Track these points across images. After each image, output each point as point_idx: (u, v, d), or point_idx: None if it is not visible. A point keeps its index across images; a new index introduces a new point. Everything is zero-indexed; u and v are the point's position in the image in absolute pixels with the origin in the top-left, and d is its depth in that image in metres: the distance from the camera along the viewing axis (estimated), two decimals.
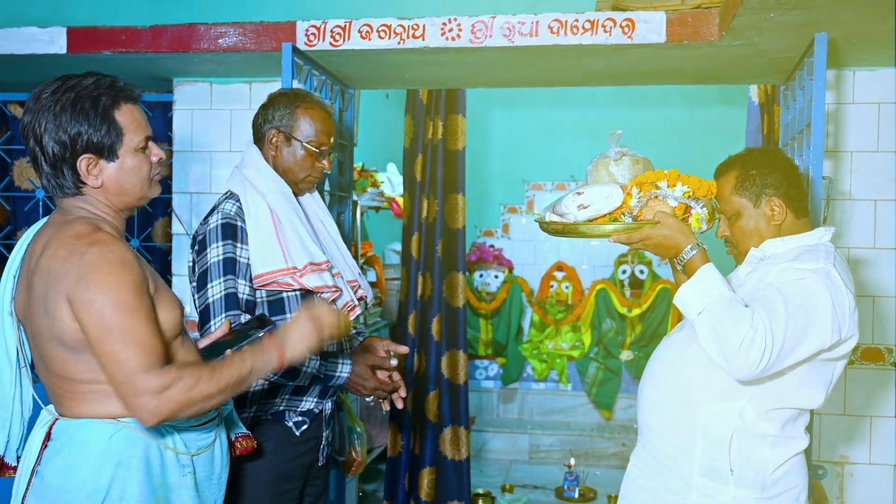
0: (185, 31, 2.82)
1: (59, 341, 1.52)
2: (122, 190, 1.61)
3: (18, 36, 2.90)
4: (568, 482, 4.44)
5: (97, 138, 1.55)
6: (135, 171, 1.61)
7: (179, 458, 1.61)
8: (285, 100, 2.12)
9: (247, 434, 1.85)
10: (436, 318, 3.66)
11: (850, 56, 2.73)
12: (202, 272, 1.97)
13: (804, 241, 1.84)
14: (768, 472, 1.77)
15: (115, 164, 1.59)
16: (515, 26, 2.65)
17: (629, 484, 1.97)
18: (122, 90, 1.60)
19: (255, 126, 2.14)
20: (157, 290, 1.58)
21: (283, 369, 1.69)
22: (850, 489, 2.95)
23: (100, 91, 1.57)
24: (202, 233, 2.01)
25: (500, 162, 6.25)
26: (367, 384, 2.11)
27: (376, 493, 4.32)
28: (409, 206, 3.69)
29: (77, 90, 1.56)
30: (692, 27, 2.55)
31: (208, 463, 1.68)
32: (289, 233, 2.03)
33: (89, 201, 1.60)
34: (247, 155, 2.13)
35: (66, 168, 1.56)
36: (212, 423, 1.69)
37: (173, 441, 1.60)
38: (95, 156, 1.56)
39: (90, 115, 1.55)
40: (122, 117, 1.58)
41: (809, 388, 1.78)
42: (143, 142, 1.62)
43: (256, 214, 2.03)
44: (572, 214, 1.84)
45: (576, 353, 5.61)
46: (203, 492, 1.66)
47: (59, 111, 1.54)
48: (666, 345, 1.97)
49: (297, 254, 2.03)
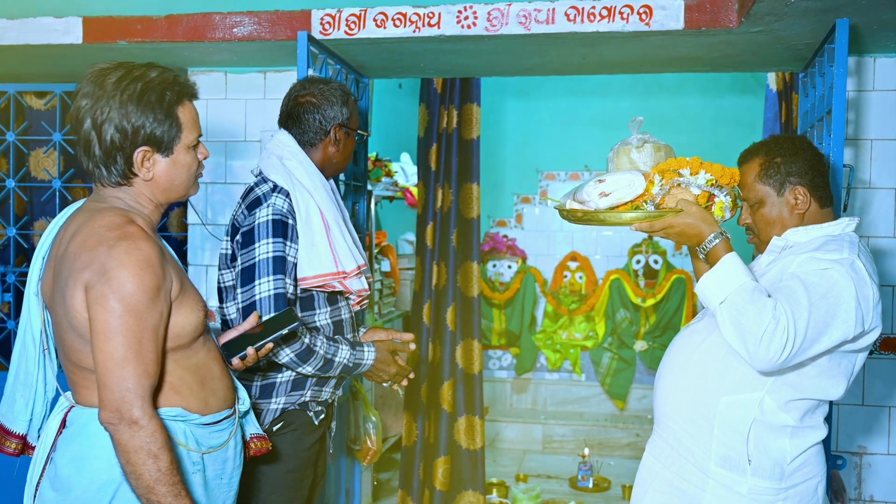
0: (200, 21, 2.82)
1: (73, 329, 1.52)
2: (170, 185, 1.63)
3: (34, 26, 2.90)
4: (582, 472, 4.44)
5: (159, 132, 1.57)
6: (185, 168, 1.64)
7: (190, 454, 1.59)
8: (337, 94, 2.13)
9: (262, 435, 1.84)
10: (450, 308, 3.65)
11: (871, 42, 2.70)
12: (248, 266, 1.96)
13: (828, 231, 1.82)
14: (786, 462, 1.76)
15: (168, 159, 1.60)
16: (531, 13, 2.63)
17: (645, 473, 1.96)
18: (185, 86, 1.63)
19: (309, 122, 2.11)
20: (182, 290, 1.58)
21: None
22: (869, 479, 2.94)
23: (165, 86, 1.58)
24: (249, 224, 1.98)
25: (513, 151, 6.23)
26: (390, 369, 2.14)
27: (391, 481, 4.34)
28: (423, 195, 3.69)
29: (144, 81, 1.56)
30: (711, 13, 2.53)
31: (220, 462, 1.67)
32: (337, 235, 2.06)
33: (131, 193, 1.61)
34: (283, 144, 2.11)
35: (121, 157, 1.56)
36: (227, 420, 1.68)
37: (185, 437, 1.59)
38: (153, 149, 1.58)
39: (156, 109, 1.56)
40: (183, 114, 1.60)
41: (830, 379, 1.76)
42: (196, 140, 1.64)
43: (307, 214, 2.03)
44: (593, 202, 1.82)
45: (589, 344, 5.60)
46: (212, 491, 1.65)
47: (126, 100, 1.54)
48: (685, 335, 1.96)
49: (345, 258, 2.05)
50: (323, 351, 1.99)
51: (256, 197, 2.02)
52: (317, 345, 1.99)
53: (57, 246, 1.59)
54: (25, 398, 1.68)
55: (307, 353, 1.97)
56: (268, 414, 2.06)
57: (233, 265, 2.04)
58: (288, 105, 2.15)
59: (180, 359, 1.60)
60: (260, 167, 2.12)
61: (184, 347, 1.59)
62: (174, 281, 1.56)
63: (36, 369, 1.67)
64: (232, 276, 2.04)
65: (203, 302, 1.65)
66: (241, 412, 1.76)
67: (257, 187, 2.05)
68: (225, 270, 2.09)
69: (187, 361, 1.61)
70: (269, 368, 2.07)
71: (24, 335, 1.68)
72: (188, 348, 1.60)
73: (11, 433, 1.70)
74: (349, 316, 2.18)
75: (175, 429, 1.57)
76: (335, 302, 2.13)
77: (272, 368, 2.07)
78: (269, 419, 2.06)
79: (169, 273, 1.54)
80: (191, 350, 1.61)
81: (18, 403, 1.69)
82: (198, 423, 1.61)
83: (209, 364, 1.66)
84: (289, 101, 2.15)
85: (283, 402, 2.07)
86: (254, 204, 2.00)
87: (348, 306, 2.18)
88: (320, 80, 2.18)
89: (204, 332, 1.65)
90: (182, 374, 1.60)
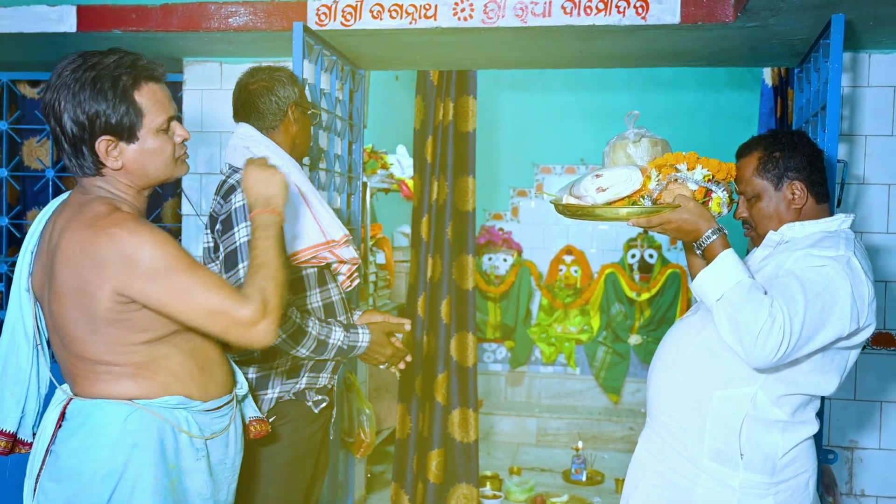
0: (195, 10, 2.80)
1: (89, 318, 1.50)
2: (143, 172, 1.59)
3: (27, 14, 2.88)
4: (576, 465, 4.45)
5: (115, 119, 1.52)
6: (156, 153, 1.59)
7: (193, 441, 1.59)
8: (285, 76, 2.15)
9: (261, 418, 1.84)
10: (445, 301, 3.66)
11: (867, 38, 2.70)
12: (230, 252, 1.96)
13: (824, 227, 1.82)
14: (778, 456, 1.77)
15: (135, 145, 1.56)
16: (528, 6, 2.62)
17: (637, 465, 1.97)
18: (143, 69, 1.56)
19: (266, 107, 2.11)
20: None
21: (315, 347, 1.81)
22: (860, 474, 2.95)
23: (121, 70, 1.53)
24: (225, 212, 1.98)
25: (509, 145, 6.23)
26: (386, 351, 2.14)
27: (384, 474, 4.34)
28: (419, 188, 3.68)
29: (98, 68, 1.52)
30: (707, 8, 2.52)
31: (222, 447, 1.67)
32: (319, 208, 2.06)
33: (109, 181, 1.58)
34: (246, 135, 2.11)
35: (86, 149, 1.53)
36: (227, 406, 1.68)
37: (188, 424, 1.59)
38: (114, 137, 1.54)
39: (108, 96, 1.51)
40: (142, 98, 1.55)
41: (823, 374, 1.77)
42: (165, 123, 1.58)
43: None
44: (590, 197, 1.82)
45: (584, 337, 5.61)
46: (217, 476, 1.65)
47: (79, 90, 1.51)
48: (678, 328, 1.96)
49: (331, 227, 2.06)
50: (316, 332, 1.99)
51: (230, 186, 2.02)
52: (309, 325, 1.98)
53: (47, 239, 1.58)
54: (16, 396, 1.67)
55: (299, 333, 1.96)
56: (263, 404, 2.06)
57: (216, 257, 2.04)
58: (240, 96, 2.14)
59: (180, 342, 1.59)
60: (228, 161, 2.12)
61: (181, 331, 1.58)
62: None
63: (29, 365, 1.66)
64: (217, 268, 2.04)
65: None
66: (239, 396, 1.76)
67: (230, 178, 2.05)
68: (210, 264, 2.09)
69: (186, 345, 1.60)
70: (265, 359, 2.06)
71: (14, 331, 1.66)
72: (185, 332, 1.59)
73: (0, 431, 1.68)
74: (340, 297, 2.18)
75: (178, 417, 1.57)
76: (325, 283, 2.13)
77: (267, 359, 2.06)
78: (266, 410, 2.05)
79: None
80: (188, 334, 1.60)
81: (7, 401, 1.67)
82: (199, 410, 1.60)
83: (207, 348, 1.65)
84: (240, 92, 2.15)
85: (278, 391, 2.07)
86: (228, 192, 2.01)
87: (338, 287, 2.18)
88: (265, 67, 2.19)
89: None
90: (183, 360, 1.59)
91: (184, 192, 3.31)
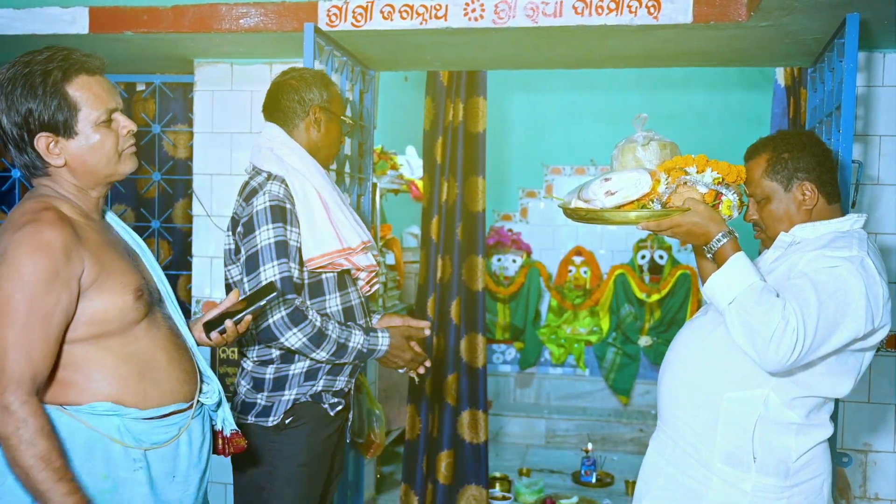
0: (206, 11, 2.80)
1: None
2: (86, 168, 1.54)
3: (40, 16, 2.89)
4: (585, 467, 4.44)
5: (48, 115, 1.49)
6: (98, 147, 1.54)
7: (129, 451, 1.52)
8: (315, 78, 2.15)
9: (236, 431, 1.75)
10: (455, 302, 3.65)
11: (881, 38, 2.68)
12: (251, 255, 1.96)
13: (836, 227, 1.81)
14: (791, 459, 1.76)
15: (76, 141, 1.52)
16: (539, 6, 2.61)
17: (648, 468, 1.96)
18: (75, 62, 1.51)
19: (287, 104, 2.13)
20: (102, 274, 1.51)
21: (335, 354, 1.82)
22: (874, 477, 2.93)
23: (52, 64, 1.49)
24: (247, 215, 1.99)
25: (519, 145, 6.22)
26: (405, 355, 2.13)
27: (394, 475, 4.34)
28: (428, 188, 3.68)
29: (30, 66, 1.49)
30: (720, 7, 2.51)
31: (169, 460, 1.57)
32: (338, 214, 2.07)
33: (55, 180, 1.55)
34: (271, 136, 2.12)
35: (28, 148, 1.51)
36: (176, 415, 1.59)
37: (120, 433, 1.51)
38: (52, 134, 1.50)
39: (39, 91, 1.48)
40: (76, 91, 1.50)
41: (837, 376, 1.75)
42: (104, 115, 1.53)
43: (305, 197, 2.04)
44: (599, 201, 1.81)
45: (594, 339, 5.60)
46: (161, 490, 1.56)
47: (11, 90, 1.48)
48: (689, 329, 1.95)
49: (349, 234, 2.06)
50: (336, 335, 1.99)
51: (252, 188, 2.03)
52: (329, 328, 1.99)
53: None
54: None
55: (319, 336, 1.97)
56: (280, 405, 2.06)
57: (237, 259, 2.04)
58: (270, 91, 2.17)
59: (113, 346, 1.52)
60: (251, 161, 2.13)
61: (116, 334, 1.52)
62: (87, 266, 1.48)
63: None
64: (238, 270, 2.05)
65: (139, 286, 1.56)
66: (209, 406, 1.68)
67: (252, 180, 2.07)
68: (230, 265, 2.09)
69: (123, 350, 1.53)
70: (283, 360, 2.07)
71: None
72: (123, 335, 1.53)
73: None
74: (359, 301, 2.18)
75: (108, 425, 1.50)
76: (344, 287, 2.13)
77: (286, 360, 2.07)
78: (282, 411, 2.06)
79: (78, 259, 1.47)
80: (127, 338, 1.53)
81: None
82: (136, 418, 1.53)
83: (152, 354, 1.58)
84: (271, 88, 2.17)
85: (295, 393, 2.07)
86: (251, 194, 2.02)
87: (357, 291, 2.18)
88: (301, 67, 2.21)
89: (147, 320, 1.57)
90: (115, 364, 1.52)
91: (195, 192, 3.32)
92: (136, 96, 3.59)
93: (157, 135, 3.55)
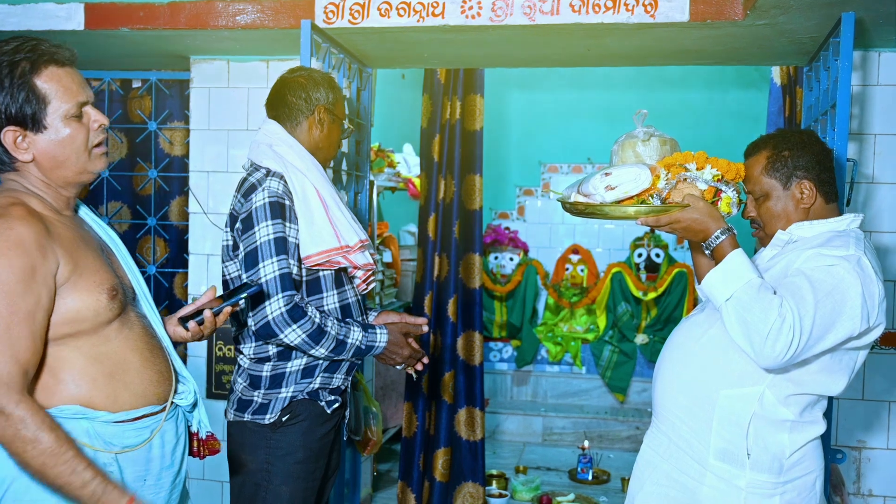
0: (203, 8, 2.80)
1: None
2: (56, 163, 1.49)
3: (35, 12, 2.88)
4: (582, 464, 4.44)
5: (15, 108, 1.43)
6: (68, 142, 1.48)
7: (98, 454, 1.47)
8: (324, 79, 2.16)
9: (212, 434, 1.71)
10: (452, 300, 3.65)
11: (876, 37, 2.69)
12: (250, 251, 1.97)
13: (833, 227, 1.81)
14: (785, 456, 1.76)
15: (45, 135, 1.46)
16: (536, 4, 2.62)
17: (643, 464, 1.96)
18: (44, 53, 1.45)
19: (294, 100, 2.13)
20: (76, 272, 1.47)
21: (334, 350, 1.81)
22: (868, 474, 2.94)
23: (19, 55, 1.43)
24: (245, 211, 1.99)
25: (516, 143, 6.22)
26: (403, 352, 2.13)
27: (391, 472, 4.34)
28: (426, 186, 3.68)
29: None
30: (716, 6, 2.51)
31: (141, 463, 1.53)
32: (336, 212, 2.07)
33: (23, 175, 1.50)
34: (271, 132, 2.12)
35: None
36: (148, 418, 1.55)
37: (89, 437, 1.47)
38: (20, 128, 1.45)
39: (5, 83, 1.42)
40: (44, 83, 1.45)
41: (832, 374, 1.76)
42: (74, 108, 1.48)
43: (304, 194, 2.04)
44: (599, 195, 1.81)
45: (590, 336, 5.60)
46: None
47: None
48: (685, 326, 1.95)
49: (346, 232, 2.07)
50: (335, 332, 2.00)
51: (251, 184, 2.03)
52: (328, 325, 1.99)
53: None
54: None
55: (318, 333, 1.97)
56: (277, 403, 2.06)
57: (235, 255, 2.04)
58: (275, 87, 2.17)
59: (83, 347, 1.48)
60: (250, 158, 2.13)
61: (87, 333, 1.48)
62: (62, 263, 1.44)
63: None
64: (235, 266, 2.05)
65: (114, 285, 1.52)
66: (183, 407, 1.64)
67: (251, 176, 2.07)
68: (228, 262, 2.09)
69: (93, 350, 1.49)
70: (280, 357, 2.07)
71: None
72: (94, 335, 1.49)
73: None
74: (356, 299, 2.18)
75: (76, 428, 1.46)
76: (341, 284, 2.13)
77: (282, 357, 2.07)
78: (279, 409, 2.06)
79: (52, 255, 1.43)
80: (98, 337, 1.49)
81: None
82: (106, 421, 1.48)
83: (124, 355, 1.53)
84: (277, 84, 2.17)
85: (292, 390, 2.07)
86: (249, 190, 2.02)
87: (354, 289, 2.19)
88: (311, 67, 2.20)
89: (119, 319, 1.53)
90: (84, 365, 1.48)
91: (191, 190, 3.32)
92: (132, 93, 3.58)
93: (153, 132, 3.54)
